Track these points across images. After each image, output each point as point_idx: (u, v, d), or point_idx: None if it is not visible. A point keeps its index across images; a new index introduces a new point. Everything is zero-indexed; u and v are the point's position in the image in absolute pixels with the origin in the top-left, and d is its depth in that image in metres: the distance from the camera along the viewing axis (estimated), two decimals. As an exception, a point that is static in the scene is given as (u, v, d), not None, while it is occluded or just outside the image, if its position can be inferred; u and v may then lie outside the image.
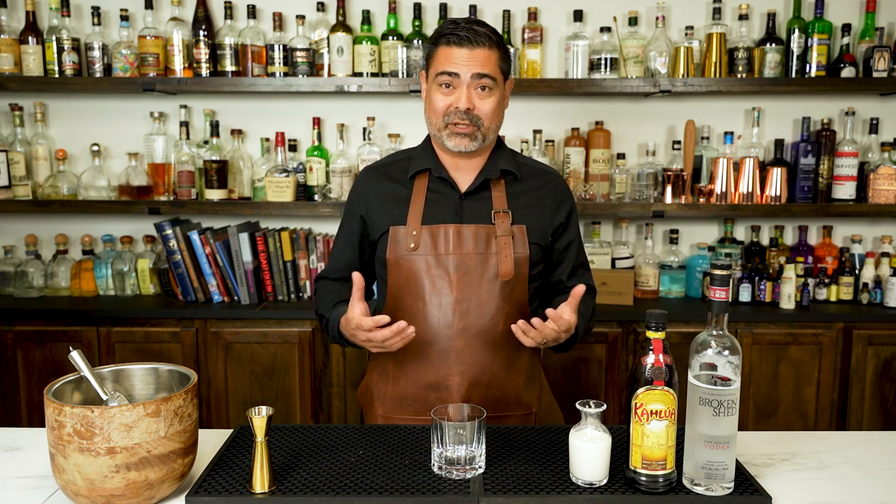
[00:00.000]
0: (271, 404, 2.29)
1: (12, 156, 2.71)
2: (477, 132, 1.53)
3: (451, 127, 1.52)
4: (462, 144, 1.53)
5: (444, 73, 1.50)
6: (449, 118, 1.52)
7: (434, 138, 1.59)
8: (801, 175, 2.73)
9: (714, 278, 1.15)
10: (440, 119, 1.53)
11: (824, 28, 2.65)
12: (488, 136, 1.55)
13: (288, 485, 1.20)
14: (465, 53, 1.49)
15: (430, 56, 1.55)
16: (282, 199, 2.68)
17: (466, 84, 1.50)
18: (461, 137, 1.52)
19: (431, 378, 1.53)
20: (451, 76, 1.50)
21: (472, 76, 1.49)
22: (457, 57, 1.49)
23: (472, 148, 1.54)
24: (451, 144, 1.53)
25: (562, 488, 1.18)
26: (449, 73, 1.50)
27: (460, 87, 1.50)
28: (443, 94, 1.52)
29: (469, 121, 1.51)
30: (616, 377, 2.58)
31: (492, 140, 1.58)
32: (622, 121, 2.86)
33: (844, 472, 1.29)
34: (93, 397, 1.23)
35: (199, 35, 2.66)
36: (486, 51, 1.50)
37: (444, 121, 1.53)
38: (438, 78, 1.52)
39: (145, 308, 2.61)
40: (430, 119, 1.56)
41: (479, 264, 1.52)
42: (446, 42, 1.50)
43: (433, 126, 1.56)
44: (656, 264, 2.80)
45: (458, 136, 1.52)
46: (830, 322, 2.57)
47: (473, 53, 1.49)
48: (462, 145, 1.53)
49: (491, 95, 1.52)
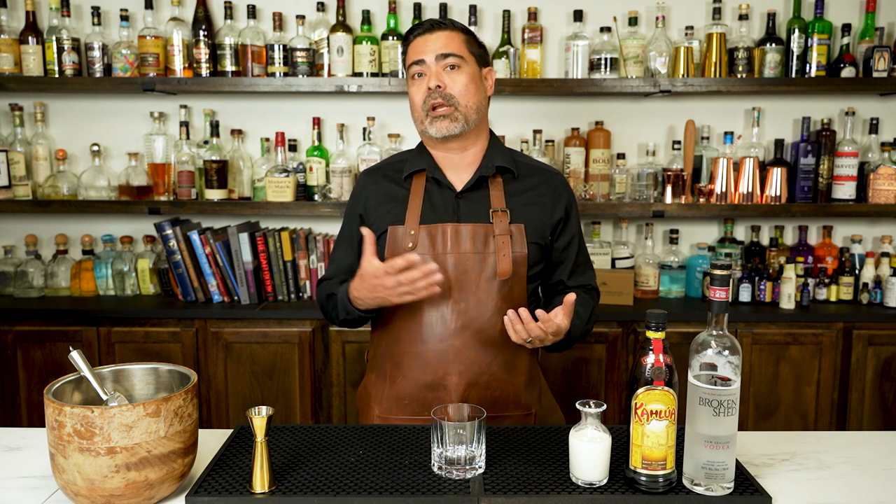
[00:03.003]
0: (271, 404, 2.29)
1: (12, 156, 2.71)
2: (455, 112, 1.53)
3: (430, 113, 1.54)
4: (443, 128, 1.53)
5: (413, 64, 1.56)
6: (426, 105, 1.54)
7: (421, 135, 1.61)
8: (801, 175, 2.73)
9: (714, 278, 1.15)
10: (420, 110, 1.56)
11: (824, 28, 2.65)
12: (469, 117, 1.55)
13: (288, 485, 1.20)
14: (428, 38, 1.55)
15: (405, 56, 1.61)
16: (282, 199, 2.68)
17: (432, 66, 1.54)
18: (441, 120, 1.53)
19: (429, 378, 1.53)
20: (419, 64, 1.55)
21: (437, 57, 1.54)
22: (420, 44, 1.56)
23: (454, 131, 1.54)
24: (434, 131, 1.54)
25: (562, 488, 1.18)
26: (417, 62, 1.55)
27: (428, 72, 1.54)
28: (416, 86, 1.56)
29: (443, 99, 1.52)
30: (616, 377, 2.58)
31: (475, 122, 1.57)
32: (622, 121, 2.86)
33: (844, 472, 1.29)
34: (93, 397, 1.23)
35: (199, 35, 2.66)
36: (448, 32, 1.56)
37: (423, 110, 1.55)
38: (410, 70, 1.57)
39: (145, 308, 2.61)
40: (414, 115, 1.59)
41: (478, 263, 1.52)
42: (412, 36, 1.58)
43: (417, 121, 1.59)
44: (656, 264, 2.80)
45: (438, 121, 1.54)
46: (830, 322, 2.57)
47: (434, 36, 1.55)
48: (444, 128, 1.53)
49: (460, 73, 1.54)
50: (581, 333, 1.58)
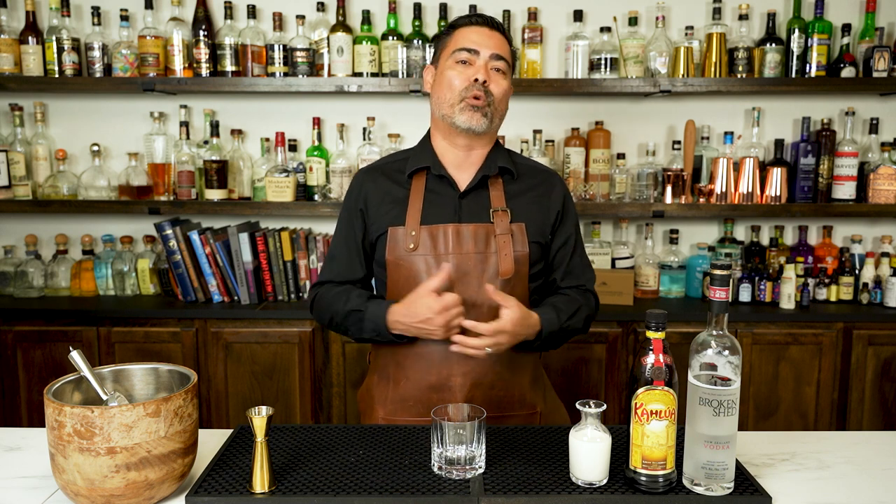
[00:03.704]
0: (271, 404, 2.29)
1: (12, 156, 2.71)
2: (488, 109, 1.53)
3: (466, 101, 1.51)
4: (474, 120, 1.52)
5: (464, 50, 1.54)
6: (466, 91, 1.51)
7: (443, 119, 1.56)
8: (801, 175, 2.73)
9: (714, 278, 1.15)
10: (456, 94, 1.52)
11: (824, 28, 2.65)
12: (494, 120, 1.56)
13: (288, 485, 1.19)
14: (486, 32, 1.55)
15: (447, 38, 1.59)
16: (282, 199, 2.68)
17: (485, 61, 1.54)
18: (474, 112, 1.51)
19: (433, 379, 1.53)
20: (471, 53, 1.54)
21: (491, 56, 1.54)
22: (476, 35, 1.54)
23: (482, 126, 1.53)
24: (463, 120, 1.52)
25: (562, 488, 1.18)
26: (469, 50, 1.53)
27: (477, 64, 1.53)
28: (460, 70, 1.54)
29: (484, 93, 1.52)
30: (616, 377, 2.58)
31: (497, 126, 1.59)
32: (622, 121, 2.86)
33: (844, 472, 1.29)
34: (93, 397, 1.23)
35: (199, 35, 2.66)
36: (502, 37, 1.58)
37: (460, 95, 1.52)
38: (457, 55, 1.54)
39: (145, 308, 2.61)
40: (444, 97, 1.54)
41: (479, 263, 1.52)
42: (466, 23, 1.57)
43: (445, 103, 1.54)
44: (656, 264, 2.80)
45: (471, 111, 1.51)
46: (830, 322, 2.57)
47: (492, 34, 1.56)
48: (474, 121, 1.52)
49: (504, 79, 1.57)
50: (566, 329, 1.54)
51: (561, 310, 1.54)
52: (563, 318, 1.53)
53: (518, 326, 1.43)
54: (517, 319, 1.42)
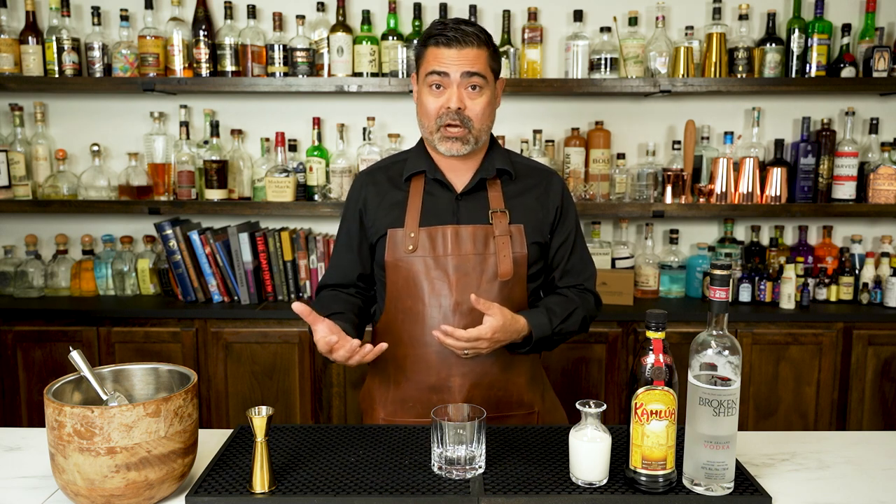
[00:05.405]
0: (271, 404, 2.29)
1: (12, 156, 2.71)
2: (468, 135, 1.51)
3: (442, 130, 1.51)
4: (454, 148, 1.52)
5: (434, 73, 1.49)
6: (441, 120, 1.50)
7: (427, 142, 1.59)
8: (801, 175, 2.73)
9: (714, 278, 1.15)
10: (432, 122, 1.52)
11: (824, 28, 2.65)
12: (480, 138, 1.54)
13: (288, 485, 1.20)
14: (454, 53, 1.48)
15: (420, 57, 1.55)
16: (282, 199, 2.68)
17: (456, 83, 1.49)
18: (452, 142, 1.51)
19: (433, 380, 1.53)
20: (441, 76, 1.49)
21: (462, 75, 1.49)
22: (445, 57, 1.48)
23: (463, 152, 1.53)
24: (444, 149, 1.53)
25: (562, 488, 1.18)
26: (438, 73, 1.49)
27: (450, 87, 1.50)
28: (434, 96, 1.51)
29: (460, 121, 1.49)
30: (616, 377, 2.58)
31: (484, 141, 1.57)
32: (622, 121, 2.86)
33: (844, 472, 1.29)
34: (93, 397, 1.23)
35: (199, 35, 2.66)
36: (475, 50, 1.49)
37: (436, 123, 1.51)
38: (428, 78, 1.51)
39: (145, 308, 2.61)
40: (423, 122, 1.56)
41: (478, 265, 1.52)
42: (434, 43, 1.50)
43: (425, 129, 1.55)
44: (656, 264, 2.80)
45: (449, 141, 1.51)
46: (830, 322, 2.57)
47: (462, 53, 1.48)
48: (454, 149, 1.52)
49: (481, 95, 1.51)
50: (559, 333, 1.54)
51: (555, 313, 1.53)
52: (555, 322, 1.52)
53: (499, 333, 1.43)
54: (497, 327, 1.42)
